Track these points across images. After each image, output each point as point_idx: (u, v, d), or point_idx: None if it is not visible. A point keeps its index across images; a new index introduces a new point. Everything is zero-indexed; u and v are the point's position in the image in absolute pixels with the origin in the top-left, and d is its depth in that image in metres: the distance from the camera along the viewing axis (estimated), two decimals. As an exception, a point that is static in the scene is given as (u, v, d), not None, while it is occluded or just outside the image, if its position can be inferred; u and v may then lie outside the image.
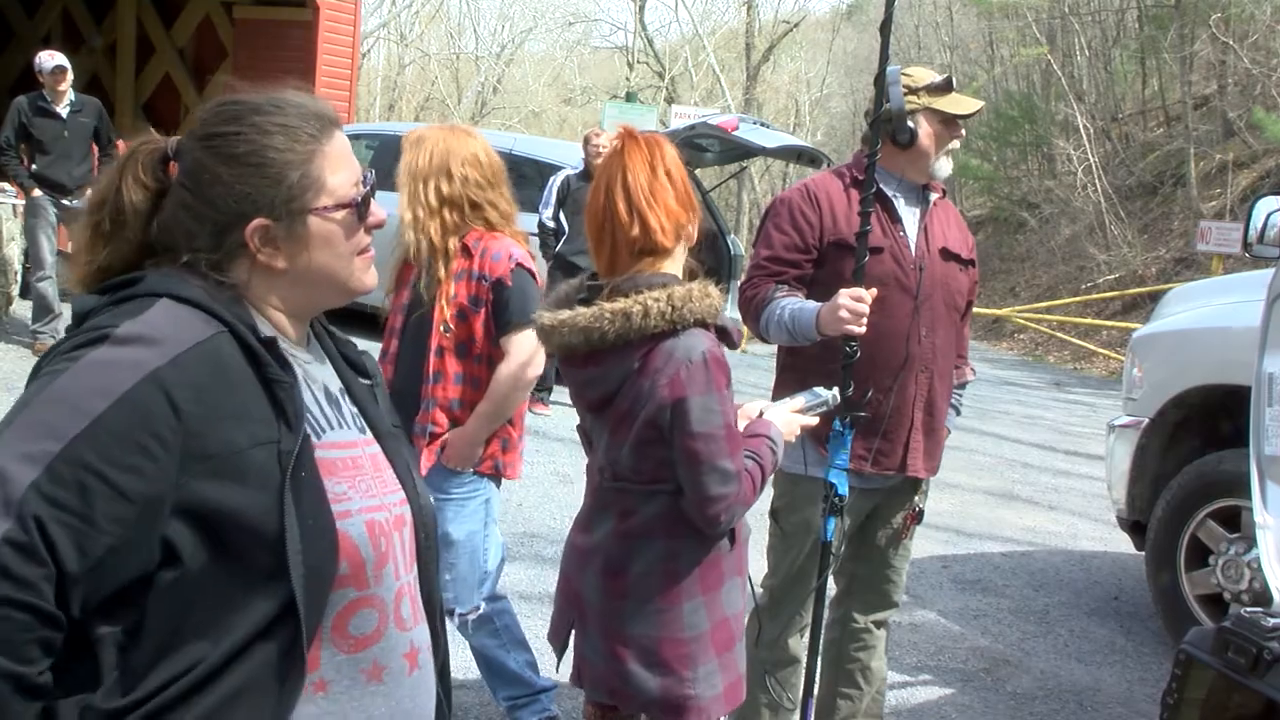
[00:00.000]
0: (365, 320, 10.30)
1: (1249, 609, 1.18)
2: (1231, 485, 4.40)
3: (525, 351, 3.16)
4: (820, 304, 2.89)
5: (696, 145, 10.10)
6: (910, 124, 3.07)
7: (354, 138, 11.50)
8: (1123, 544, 5.69)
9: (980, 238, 28.76)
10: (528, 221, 8.61)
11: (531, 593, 4.81)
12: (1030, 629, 5.10)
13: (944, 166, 3.17)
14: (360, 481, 1.46)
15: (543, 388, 8.45)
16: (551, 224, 8.38)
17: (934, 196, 3.22)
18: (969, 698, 4.31)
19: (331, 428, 1.47)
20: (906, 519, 3.26)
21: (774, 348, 3.29)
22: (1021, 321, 17.95)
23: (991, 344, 18.56)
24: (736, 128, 9.75)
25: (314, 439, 1.41)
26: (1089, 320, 16.71)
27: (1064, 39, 24.94)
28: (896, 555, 3.32)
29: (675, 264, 2.22)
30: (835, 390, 2.52)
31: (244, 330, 1.37)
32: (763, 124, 11.23)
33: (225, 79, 1.51)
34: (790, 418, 2.40)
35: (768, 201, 3.46)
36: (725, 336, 2.26)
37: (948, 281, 3.18)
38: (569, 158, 9.32)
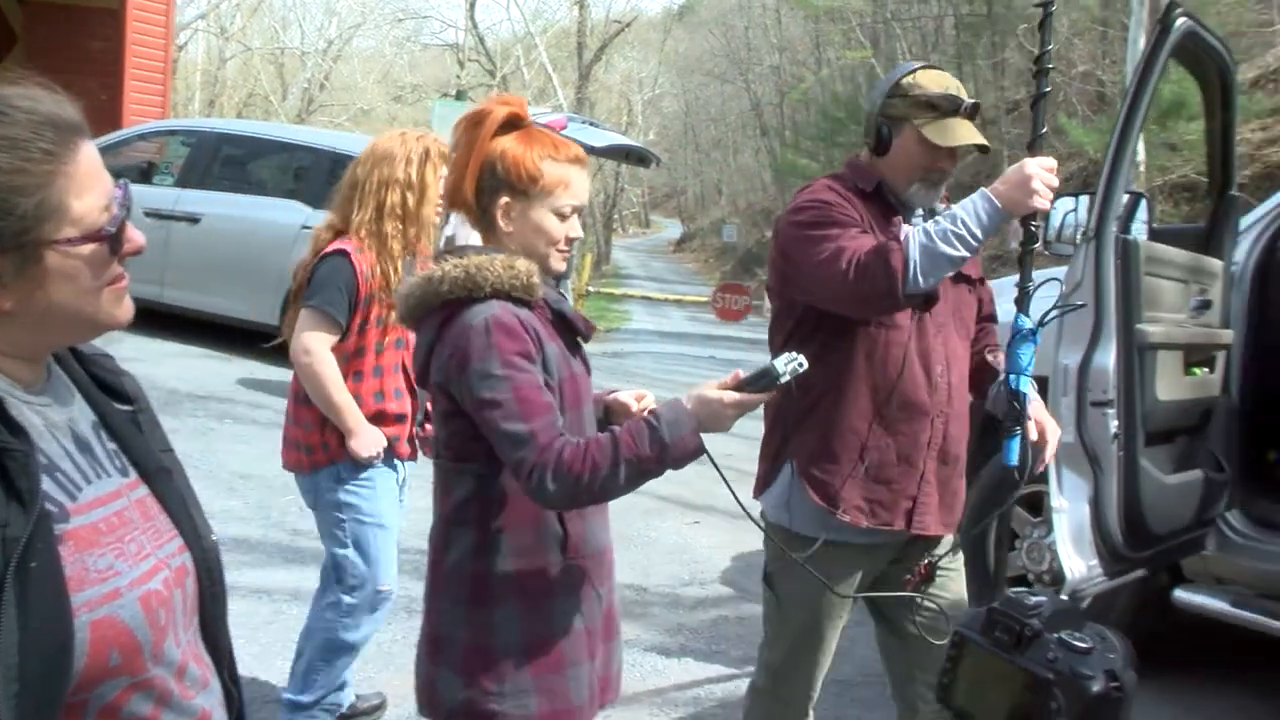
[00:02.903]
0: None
1: (1015, 589, 1.23)
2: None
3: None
4: (977, 196, 2.45)
5: (525, 143, 10.04)
6: (884, 130, 2.66)
7: (169, 133, 11.05)
8: (939, 531, 5.89)
9: (809, 236, 29.53)
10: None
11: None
12: (855, 617, 5.22)
13: (916, 195, 2.71)
14: (130, 543, 1.25)
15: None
16: None
17: (943, 209, 2.69)
18: (792, 686, 4.40)
19: (88, 481, 1.25)
20: (917, 572, 2.74)
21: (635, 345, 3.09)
22: (848, 318, 18.44)
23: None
24: (564, 126, 9.71)
25: (68, 503, 1.20)
26: (911, 316, 17.26)
27: (887, 43, 25.83)
28: (913, 627, 2.76)
29: (498, 238, 2.10)
30: (796, 357, 1.95)
31: None
32: (591, 123, 11.25)
33: (15, 69, 1.22)
34: (710, 395, 1.96)
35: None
36: (566, 323, 2.12)
37: (960, 308, 2.78)
38: (398, 156, 9.14)
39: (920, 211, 2.74)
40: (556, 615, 2.06)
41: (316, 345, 3.14)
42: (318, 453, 3.23)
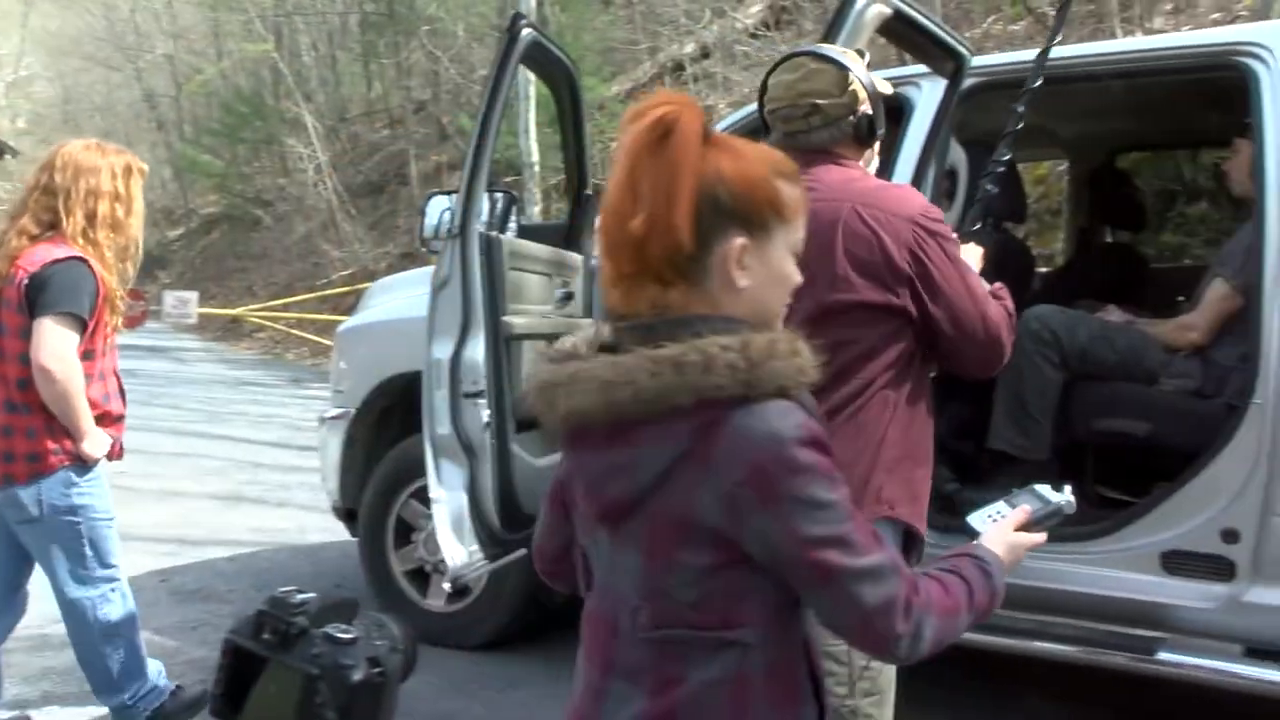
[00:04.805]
0: None
1: (283, 588, 1.23)
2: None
3: None
4: None
5: None
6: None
7: None
8: (347, 533, 5.86)
9: (215, 236, 28.32)
10: None
11: None
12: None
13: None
14: None
15: None
16: None
17: None
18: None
19: None
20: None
21: None
22: (259, 321, 17.96)
23: (230, 345, 18.33)
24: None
25: None
26: (326, 316, 17.17)
27: (290, 38, 25.38)
28: None
29: (713, 298, 1.43)
30: (1066, 486, 1.71)
31: None
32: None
33: None
34: (1013, 538, 1.63)
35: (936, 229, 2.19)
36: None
37: None
38: None
39: None
40: None
41: (70, 352, 3.24)
42: (47, 458, 3.26)
